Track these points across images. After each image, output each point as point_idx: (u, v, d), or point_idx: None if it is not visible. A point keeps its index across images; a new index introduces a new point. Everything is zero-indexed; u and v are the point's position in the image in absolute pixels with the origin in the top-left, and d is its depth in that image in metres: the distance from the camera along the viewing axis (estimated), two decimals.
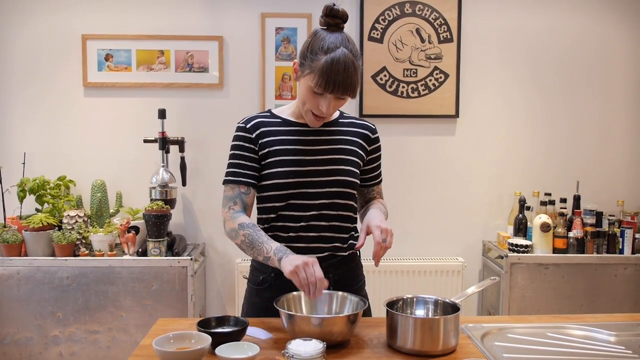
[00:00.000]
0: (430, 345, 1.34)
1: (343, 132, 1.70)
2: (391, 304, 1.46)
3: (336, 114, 1.74)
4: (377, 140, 1.76)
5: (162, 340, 1.31)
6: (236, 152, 1.66)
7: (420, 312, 1.52)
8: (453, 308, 1.46)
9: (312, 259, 1.44)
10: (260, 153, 1.64)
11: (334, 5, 1.57)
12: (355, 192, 1.69)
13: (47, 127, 3.15)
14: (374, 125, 1.77)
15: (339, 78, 1.49)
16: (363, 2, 3.13)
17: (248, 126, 1.66)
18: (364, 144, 1.72)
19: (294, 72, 1.62)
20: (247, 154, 1.65)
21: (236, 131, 1.68)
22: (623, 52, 3.26)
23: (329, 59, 1.49)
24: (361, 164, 1.71)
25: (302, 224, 1.63)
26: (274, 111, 1.72)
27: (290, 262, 1.44)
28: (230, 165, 1.67)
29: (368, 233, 1.54)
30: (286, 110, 1.72)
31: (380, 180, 1.82)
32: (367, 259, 1.88)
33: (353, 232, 1.72)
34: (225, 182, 1.66)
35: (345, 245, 1.69)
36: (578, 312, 2.89)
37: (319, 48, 1.51)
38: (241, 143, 1.66)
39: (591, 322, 1.60)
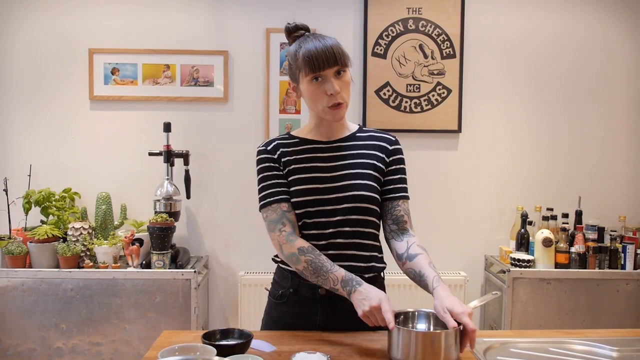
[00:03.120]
0: (431, 359, 1.35)
1: (360, 146, 1.68)
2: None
3: (354, 128, 1.72)
4: (397, 151, 1.71)
5: (167, 353, 1.32)
6: (265, 173, 1.64)
7: (421, 326, 1.53)
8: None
9: (379, 300, 1.45)
10: (284, 172, 1.65)
11: (289, 23, 1.64)
12: (375, 207, 1.64)
13: (53, 140, 3.18)
14: (394, 137, 1.73)
15: (322, 52, 1.52)
16: (367, 18, 3.17)
17: (269, 148, 1.67)
18: (382, 155, 1.68)
19: (293, 91, 1.66)
20: (276, 172, 1.64)
21: (258, 155, 1.67)
22: (625, 68, 3.29)
23: (304, 49, 1.55)
24: (381, 178, 1.67)
25: (322, 242, 1.61)
26: (292, 133, 1.72)
27: (360, 303, 1.46)
28: (263, 189, 1.63)
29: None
30: (302, 130, 1.72)
31: (406, 197, 1.72)
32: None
33: (377, 253, 1.67)
34: (263, 206, 1.62)
35: (366, 266, 1.64)
36: (580, 327, 2.89)
37: (295, 51, 1.58)
38: (268, 164, 1.65)
39: (593, 337, 1.60)
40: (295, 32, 1.63)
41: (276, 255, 1.71)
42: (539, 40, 3.26)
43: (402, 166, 1.73)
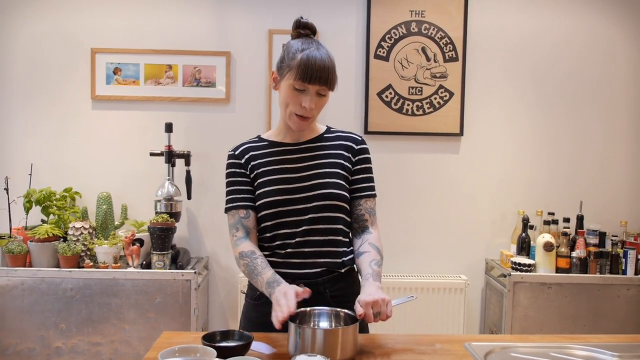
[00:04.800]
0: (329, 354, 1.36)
1: (327, 147, 1.73)
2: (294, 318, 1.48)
3: (323, 129, 1.77)
4: (362, 151, 1.75)
5: (167, 354, 1.32)
6: (231, 179, 1.72)
7: (323, 324, 1.53)
8: (352, 319, 1.49)
9: (288, 296, 1.46)
10: (251, 176, 1.70)
11: (302, 18, 1.69)
12: (344, 204, 1.69)
13: (55, 139, 3.18)
14: (360, 137, 1.77)
15: (317, 68, 1.57)
16: (370, 20, 3.17)
17: (237, 153, 1.73)
18: (348, 155, 1.72)
19: (272, 81, 1.69)
20: (240, 179, 1.71)
21: (227, 159, 1.74)
22: (628, 72, 3.28)
23: (305, 54, 1.58)
24: (348, 176, 1.71)
25: (296, 240, 1.65)
26: (263, 136, 1.78)
27: (273, 309, 1.48)
28: (227, 194, 1.72)
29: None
30: (272, 133, 1.77)
31: (369, 195, 1.74)
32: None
33: (346, 248, 1.71)
34: (226, 210, 1.72)
35: (341, 261, 1.69)
36: (581, 332, 2.88)
37: (295, 50, 1.61)
38: (233, 170, 1.72)
39: (594, 342, 1.60)
40: (302, 29, 1.68)
41: None
42: (542, 44, 3.26)
43: (367, 165, 1.76)
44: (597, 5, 3.25)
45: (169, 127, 3.02)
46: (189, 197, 3.12)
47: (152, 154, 3.04)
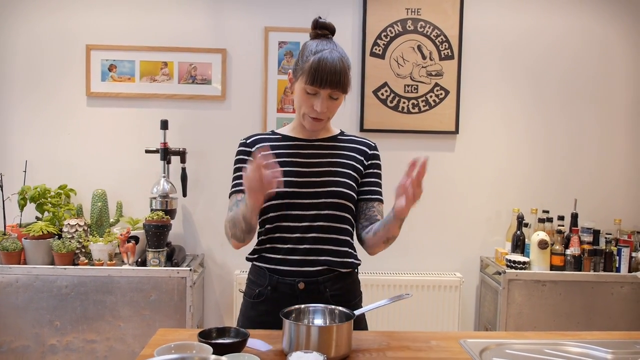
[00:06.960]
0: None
1: (341, 147, 1.74)
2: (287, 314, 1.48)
3: (337, 131, 1.79)
4: (375, 156, 1.78)
5: (164, 350, 1.32)
6: (237, 165, 1.73)
7: (318, 321, 1.53)
8: (347, 316, 1.48)
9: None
10: None
11: (320, 18, 1.71)
12: (351, 204, 1.69)
13: (49, 136, 3.17)
14: (374, 143, 1.80)
15: (328, 72, 1.57)
16: (366, 18, 3.17)
17: (248, 142, 1.75)
18: (361, 158, 1.74)
19: (288, 82, 1.72)
20: (247, 165, 1.68)
21: (238, 147, 1.76)
22: (623, 71, 3.30)
23: (316, 57, 1.59)
24: (358, 178, 1.72)
25: (297, 235, 1.65)
26: (277, 130, 1.79)
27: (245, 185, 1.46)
28: (233, 179, 1.74)
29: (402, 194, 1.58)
30: (286, 128, 1.79)
31: (381, 200, 1.76)
32: (364, 273, 1.89)
33: (352, 249, 1.71)
34: (229, 195, 1.73)
35: (342, 261, 1.68)
36: (575, 329, 2.90)
37: (309, 52, 1.63)
38: (242, 157, 1.73)
39: (588, 339, 1.61)
40: (320, 29, 1.70)
41: (250, 254, 1.75)
42: (537, 42, 3.27)
43: (379, 171, 1.79)
44: (592, 4, 3.26)
45: (164, 124, 3.01)
46: (184, 195, 3.11)
47: (147, 151, 3.04)
